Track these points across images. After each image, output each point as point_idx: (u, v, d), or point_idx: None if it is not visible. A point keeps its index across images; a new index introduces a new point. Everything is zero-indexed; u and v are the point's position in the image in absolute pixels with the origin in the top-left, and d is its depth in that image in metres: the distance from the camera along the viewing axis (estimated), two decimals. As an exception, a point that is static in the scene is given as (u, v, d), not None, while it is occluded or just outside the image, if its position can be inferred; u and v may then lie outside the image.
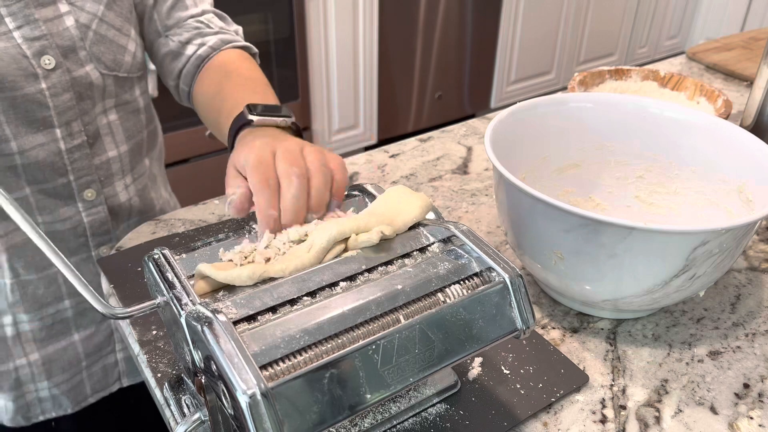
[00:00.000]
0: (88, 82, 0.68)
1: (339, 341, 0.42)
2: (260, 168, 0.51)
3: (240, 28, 0.81)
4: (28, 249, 0.72)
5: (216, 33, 0.77)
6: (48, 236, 0.69)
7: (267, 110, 0.62)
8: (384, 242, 0.50)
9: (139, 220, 0.82)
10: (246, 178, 0.52)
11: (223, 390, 0.39)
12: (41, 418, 0.80)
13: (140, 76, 0.76)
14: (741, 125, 0.89)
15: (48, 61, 0.64)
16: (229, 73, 0.73)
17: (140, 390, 0.87)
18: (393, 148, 0.98)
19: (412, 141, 1.00)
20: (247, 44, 0.79)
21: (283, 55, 2.16)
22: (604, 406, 0.56)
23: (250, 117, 0.61)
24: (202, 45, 0.76)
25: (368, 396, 0.42)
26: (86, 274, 0.75)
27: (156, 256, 0.49)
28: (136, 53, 0.73)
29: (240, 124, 0.62)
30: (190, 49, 0.75)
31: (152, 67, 1.96)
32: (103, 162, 0.73)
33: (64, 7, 0.65)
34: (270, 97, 0.68)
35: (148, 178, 0.83)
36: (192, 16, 0.77)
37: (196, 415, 0.46)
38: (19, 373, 0.76)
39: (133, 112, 0.75)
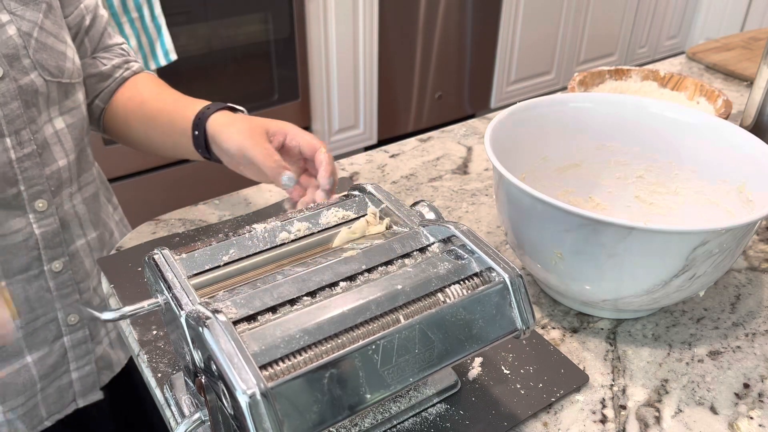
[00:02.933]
0: (34, 90, 0.68)
1: (339, 341, 0.42)
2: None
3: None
4: None
5: (136, 61, 0.84)
6: (0, 251, 0.69)
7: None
8: (384, 242, 0.50)
9: (97, 237, 0.80)
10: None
11: (223, 390, 0.39)
12: None
13: (81, 82, 0.76)
14: (741, 125, 0.89)
15: None
16: (162, 86, 0.81)
17: (95, 410, 0.86)
18: (393, 148, 0.98)
19: (412, 141, 1.00)
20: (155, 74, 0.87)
21: (283, 55, 2.16)
22: (604, 406, 0.56)
23: (230, 105, 0.72)
24: (127, 69, 0.82)
25: (368, 396, 0.42)
26: (38, 290, 0.74)
27: (156, 256, 0.49)
28: (74, 59, 0.74)
29: (218, 108, 0.71)
30: (118, 73, 0.81)
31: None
32: (54, 171, 0.72)
33: (5, 17, 0.66)
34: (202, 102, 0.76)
35: (97, 188, 0.82)
36: (116, 44, 0.83)
37: (196, 415, 0.46)
38: None
39: (79, 119, 0.75)
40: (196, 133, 0.71)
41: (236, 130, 0.68)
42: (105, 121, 0.83)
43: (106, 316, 0.46)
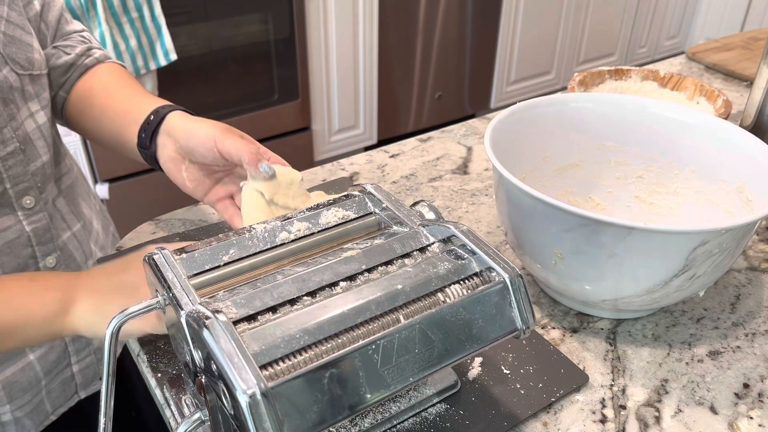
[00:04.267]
0: (9, 86, 0.67)
1: (339, 341, 0.42)
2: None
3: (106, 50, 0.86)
4: None
5: (98, 48, 0.81)
6: None
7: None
8: (384, 242, 0.50)
9: (81, 228, 0.80)
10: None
11: (223, 390, 0.39)
12: None
13: (47, 74, 0.75)
14: (741, 125, 0.89)
15: None
16: (124, 75, 0.78)
17: (97, 400, 0.85)
18: (393, 148, 0.98)
19: (412, 141, 1.00)
20: (123, 64, 0.84)
21: (283, 55, 2.16)
22: (604, 406, 0.56)
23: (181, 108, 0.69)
24: (89, 56, 0.79)
25: (368, 396, 0.42)
26: None
27: (156, 256, 0.49)
28: (40, 50, 0.72)
29: (168, 111, 0.68)
30: (80, 61, 0.78)
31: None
32: (38, 168, 0.71)
33: None
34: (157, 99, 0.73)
35: (73, 178, 0.81)
36: (75, 31, 0.80)
37: (196, 415, 0.46)
38: None
39: (52, 111, 0.75)
40: (152, 118, 0.68)
41: (208, 124, 0.65)
42: (67, 111, 0.80)
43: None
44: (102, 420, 0.49)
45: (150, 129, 0.67)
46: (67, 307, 0.56)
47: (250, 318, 0.43)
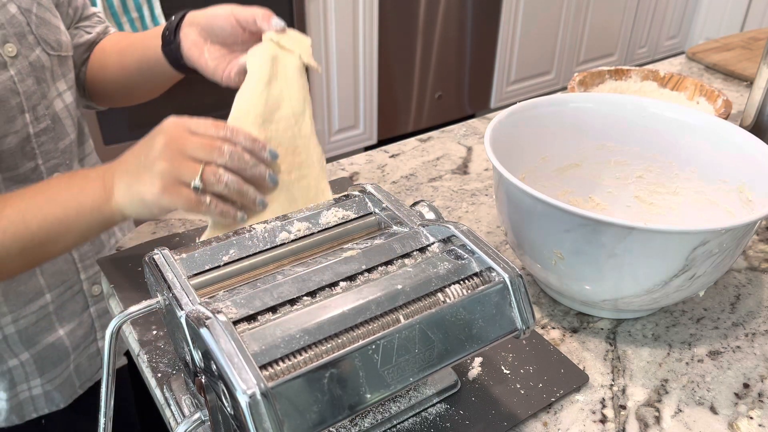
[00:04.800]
0: (41, 65, 0.71)
1: (339, 341, 0.42)
2: None
3: None
4: None
5: (114, 29, 0.87)
6: None
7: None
8: (384, 242, 0.50)
9: None
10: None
11: (223, 390, 0.39)
12: (34, 416, 0.81)
13: (72, 55, 0.80)
14: (741, 125, 0.89)
15: (11, 49, 0.67)
16: (131, 33, 0.84)
17: (121, 373, 0.90)
18: (393, 148, 0.98)
19: (412, 141, 1.00)
20: None
21: (283, 55, 2.16)
22: (604, 406, 0.56)
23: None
24: (106, 35, 0.85)
25: (368, 396, 0.42)
26: (64, 263, 0.77)
27: (156, 256, 0.49)
28: (66, 33, 0.77)
29: (186, 11, 0.71)
30: (100, 39, 0.84)
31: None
32: (67, 145, 0.75)
33: None
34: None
35: (96, 160, 0.85)
36: (94, 14, 0.86)
37: (196, 415, 0.46)
38: (12, 373, 0.76)
39: (76, 92, 0.79)
40: (173, 18, 0.72)
41: (225, 4, 0.69)
42: (87, 82, 0.84)
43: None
44: (102, 420, 0.49)
45: (173, 25, 0.71)
46: (110, 193, 0.57)
47: (250, 318, 0.43)
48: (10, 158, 0.68)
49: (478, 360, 0.59)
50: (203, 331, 0.40)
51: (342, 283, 0.47)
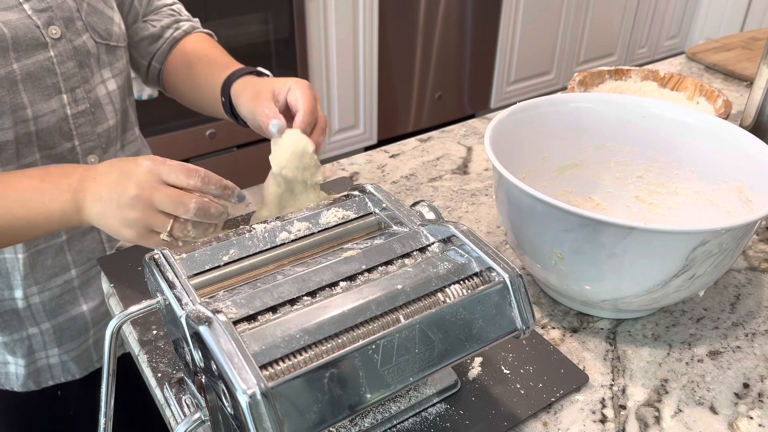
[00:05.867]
0: (86, 51, 0.74)
1: (339, 341, 0.42)
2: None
3: (197, 20, 0.94)
4: None
5: (187, 20, 0.89)
6: None
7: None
8: (384, 242, 0.50)
9: None
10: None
11: (223, 390, 0.39)
12: (50, 383, 0.84)
13: (125, 47, 0.82)
14: (741, 125, 0.89)
15: (54, 31, 0.70)
16: (208, 46, 0.87)
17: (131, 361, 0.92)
18: (393, 148, 0.98)
19: (412, 141, 1.00)
20: (210, 32, 0.92)
21: (283, 55, 2.16)
22: (604, 406, 0.56)
23: (258, 68, 0.78)
24: (177, 29, 0.87)
25: (368, 395, 0.42)
26: (91, 242, 0.79)
27: (156, 256, 0.49)
28: (120, 25, 0.79)
29: (243, 73, 0.76)
30: (168, 33, 0.86)
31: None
32: (105, 130, 0.77)
33: None
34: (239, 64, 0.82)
35: (138, 147, 0.87)
36: (165, 5, 0.89)
37: (196, 415, 0.46)
38: (31, 341, 0.80)
39: (125, 81, 0.82)
40: (223, 99, 0.76)
41: (245, 98, 0.72)
42: (164, 81, 0.88)
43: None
44: (102, 420, 0.49)
45: (227, 109, 0.77)
46: (80, 208, 0.60)
47: (250, 318, 0.43)
48: (48, 136, 0.71)
49: (478, 360, 0.59)
50: (203, 331, 0.40)
51: (342, 283, 0.47)
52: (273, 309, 0.44)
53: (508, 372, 0.58)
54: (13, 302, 0.77)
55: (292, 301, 0.45)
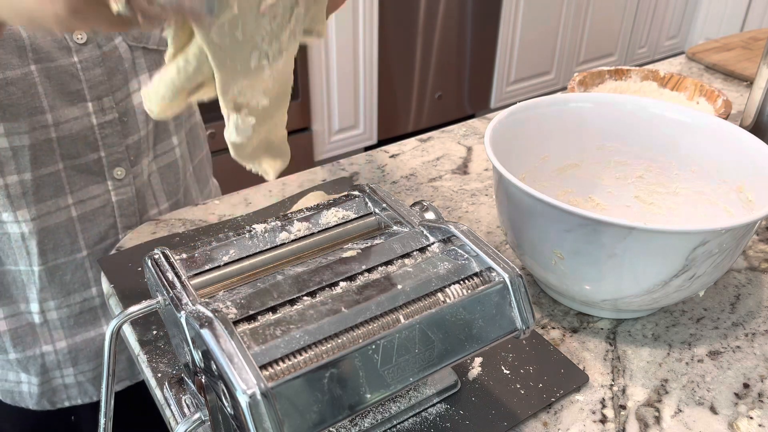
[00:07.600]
0: (118, 56, 0.69)
1: (339, 341, 0.42)
2: None
3: None
4: (59, 232, 0.72)
5: None
6: (80, 218, 0.72)
7: None
8: (384, 242, 0.50)
9: (168, 207, 0.82)
10: None
11: (223, 390, 0.39)
12: (66, 404, 0.81)
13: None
14: (741, 125, 0.89)
15: (80, 36, 0.66)
16: None
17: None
18: (393, 148, 0.98)
19: (412, 141, 1.00)
20: None
21: (283, 55, 2.16)
22: (604, 406, 0.56)
23: None
24: None
25: (368, 396, 0.42)
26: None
27: (156, 256, 0.49)
28: None
29: None
30: None
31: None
32: (135, 141, 0.74)
33: None
34: None
35: (175, 157, 0.82)
36: None
37: (196, 415, 0.46)
38: (45, 359, 0.77)
39: None
40: None
41: None
42: None
43: None
44: (102, 420, 0.49)
45: None
46: None
47: (250, 318, 0.43)
48: (71, 145, 0.68)
49: (478, 360, 0.59)
50: (203, 331, 0.40)
51: (342, 283, 0.47)
52: (273, 309, 0.44)
53: (508, 372, 0.58)
54: (30, 316, 0.75)
55: (292, 301, 0.45)
